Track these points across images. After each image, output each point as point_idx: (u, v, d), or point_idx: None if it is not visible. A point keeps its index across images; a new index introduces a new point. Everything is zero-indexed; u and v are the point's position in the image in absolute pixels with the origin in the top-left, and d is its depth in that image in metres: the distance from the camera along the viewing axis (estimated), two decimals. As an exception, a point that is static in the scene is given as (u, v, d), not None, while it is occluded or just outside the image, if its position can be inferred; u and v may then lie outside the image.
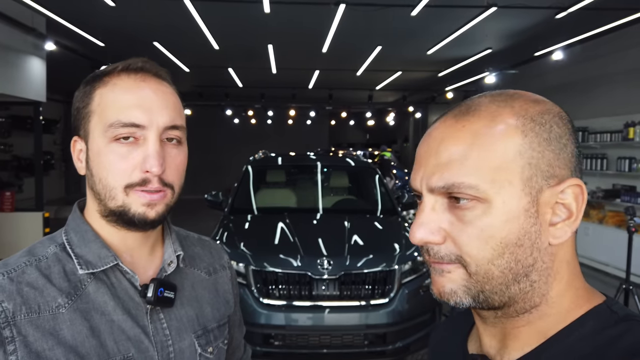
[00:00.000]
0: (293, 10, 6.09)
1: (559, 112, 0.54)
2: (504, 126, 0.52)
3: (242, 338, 1.08)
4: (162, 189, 0.76)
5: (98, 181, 0.76)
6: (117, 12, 6.09)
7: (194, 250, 0.95)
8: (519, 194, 0.51)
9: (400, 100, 15.10)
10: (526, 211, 0.51)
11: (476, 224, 0.51)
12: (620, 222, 6.36)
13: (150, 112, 0.74)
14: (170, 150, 0.77)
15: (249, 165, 4.91)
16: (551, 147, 0.52)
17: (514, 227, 0.51)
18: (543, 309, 0.53)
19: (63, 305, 0.73)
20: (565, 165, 0.52)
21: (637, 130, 6.31)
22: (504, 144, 0.51)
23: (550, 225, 0.52)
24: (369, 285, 3.27)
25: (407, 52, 8.84)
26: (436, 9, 5.87)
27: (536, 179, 0.51)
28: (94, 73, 0.80)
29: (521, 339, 0.55)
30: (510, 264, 0.51)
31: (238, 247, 3.51)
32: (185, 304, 0.86)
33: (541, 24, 6.74)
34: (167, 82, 0.80)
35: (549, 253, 0.52)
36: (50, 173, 11.43)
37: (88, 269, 0.76)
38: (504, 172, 0.51)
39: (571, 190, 0.52)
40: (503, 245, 0.51)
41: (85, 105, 0.77)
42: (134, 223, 0.76)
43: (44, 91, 6.42)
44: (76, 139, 0.80)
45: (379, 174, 4.92)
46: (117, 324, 0.76)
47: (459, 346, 0.65)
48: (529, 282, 0.52)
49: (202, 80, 11.94)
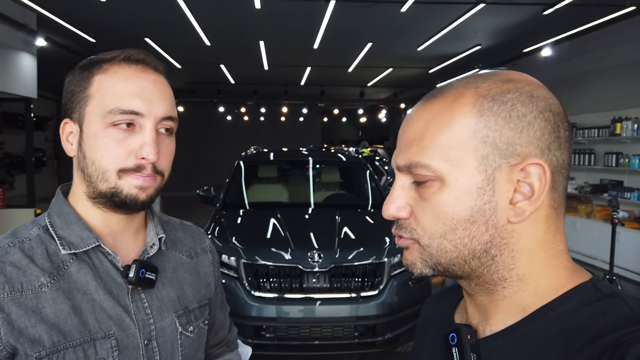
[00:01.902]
0: (284, 6, 6.11)
1: (529, 92, 0.53)
2: (461, 106, 0.53)
3: (225, 318, 1.11)
4: (154, 175, 0.79)
5: (91, 163, 0.78)
6: (108, 8, 6.09)
7: (175, 235, 0.98)
8: (472, 172, 0.52)
9: (392, 97, 15.17)
10: (479, 189, 0.52)
11: (431, 201, 0.54)
12: (608, 217, 6.45)
13: (149, 102, 0.77)
14: (164, 139, 0.81)
15: (241, 161, 4.94)
16: (510, 125, 0.51)
17: (467, 204, 0.52)
18: (517, 284, 0.54)
19: (46, 285, 0.75)
20: (529, 143, 0.51)
21: (624, 126, 6.40)
22: (459, 124, 0.53)
23: (511, 203, 0.52)
24: (359, 278, 3.32)
25: (398, 48, 8.89)
26: (425, 5, 5.91)
27: (493, 157, 0.51)
28: (91, 59, 0.82)
29: (501, 312, 0.56)
30: (464, 240, 0.53)
31: (229, 241, 3.54)
32: (167, 285, 0.89)
33: (529, 20, 6.81)
34: (163, 76, 0.84)
35: (510, 230, 0.53)
36: (42, 170, 11.38)
37: (70, 250, 0.78)
38: (457, 151, 0.52)
39: (532, 169, 0.51)
40: (455, 221, 0.53)
41: (82, 90, 0.79)
42: (125, 204, 0.79)
43: (35, 87, 6.39)
44: (67, 121, 0.81)
45: (370, 169, 4.96)
46: (98, 303, 0.78)
47: (446, 316, 0.67)
48: (489, 257, 0.53)
49: (194, 77, 11.92)
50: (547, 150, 0.52)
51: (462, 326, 0.56)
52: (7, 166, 9.51)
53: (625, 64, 6.55)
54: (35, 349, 0.73)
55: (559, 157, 0.52)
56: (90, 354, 0.76)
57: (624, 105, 6.51)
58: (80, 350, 0.76)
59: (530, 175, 0.51)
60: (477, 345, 0.55)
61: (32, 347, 0.73)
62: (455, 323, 0.62)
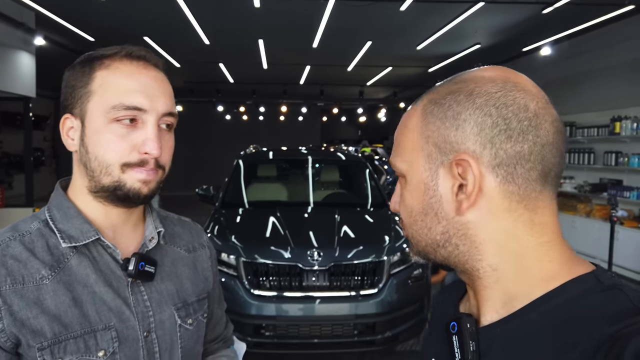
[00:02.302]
0: (283, 4, 6.11)
1: (470, 90, 0.55)
2: (414, 112, 0.60)
3: (222, 314, 1.12)
4: (157, 170, 0.81)
5: (94, 158, 0.79)
6: (108, 6, 6.08)
7: (173, 229, 0.99)
8: (421, 170, 0.58)
9: (391, 97, 15.16)
10: (425, 184, 0.58)
11: (402, 196, 0.62)
12: (607, 216, 6.44)
13: (151, 98, 0.79)
14: (164, 134, 0.83)
15: (240, 160, 4.93)
16: (446, 124, 0.55)
17: (418, 199, 0.59)
18: (493, 274, 0.56)
19: (46, 277, 0.77)
20: (465, 139, 0.54)
21: (623, 125, 6.41)
22: (412, 128, 0.60)
23: (455, 196, 0.55)
24: (359, 276, 3.32)
25: (397, 47, 8.89)
26: (425, 4, 5.92)
27: (435, 155, 0.57)
28: (90, 54, 0.82)
29: (489, 300, 0.57)
30: (423, 230, 0.59)
31: (229, 240, 3.54)
32: (165, 279, 0.91)
33: (528, 19, 6.81)
34: (163, 72, 0.85)
35: (464, 222, 0.55)
36: (41, 170, 11.36)
37: (71, 243, 0.80)
38: (412, 152, 0.59)
39: (464, 164, 0.54)
40: (414, 213, 0.60)
41: (83, 85, 0.80)
42: (128, 197, 0.80)
43: (34, 86, 6.39)
44: (68, 116, 0.82)
45: (370, 168, 4.96)
46: (98, 296, 0.80)
47: (453, 306, 0.69)
48: (453, 246, 0.57)
49: (193, 76, 11.92)
50: (490, 144, 0.53)
51: (463, 315, 0.58)
52: (5, 166, 9.50)
53: (625, 63, 6.55)
54: (37, 339, 0.74)
55: (509, 149, 0.52)
56: (91, 344, 0.78)
57: (624, 104, 6.52)
58: (82, 341, 0.77)
59: (465, 170, 0.54)
60: (477, 333, 0.57)
61: (34, 337, 0.74)
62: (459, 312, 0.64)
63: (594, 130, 6.97)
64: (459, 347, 0.57)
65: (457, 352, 0.57)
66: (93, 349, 0.78)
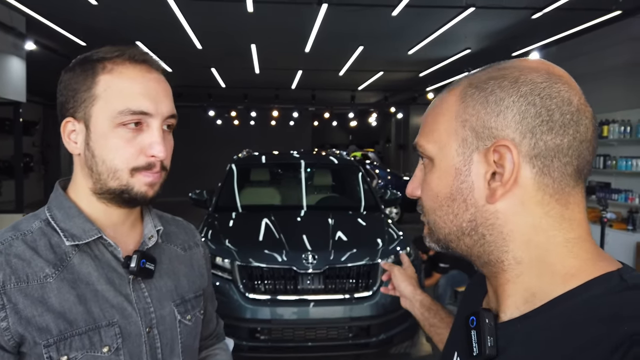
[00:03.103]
0: (276, 9, 6.13)
1: (516, 77, 0.54)
2: (451, 95, 0.58)
3: (214, 311, 1.15)
4: (161, 172, 0.84)
5: (101, 162, 0.80)
6: (99, 10, 6.05)
7: (169, 228, 1.01)
8: (453, 154, 0.56)
9: (382, 101, 15.26)
10: (457, 169, 0.56)
11: (427, 180, 0.60)
12: (597, 218, 6.52)
13: (155, 101, 0.81)
14: (166, 136, 0.85)
15: (233, 164, 4.93)
16: (487, 109, 0.54)
17: (447, 183, 0.57)
18: (516, 268, 0.55)
19: (50, 275, 0.78)
20: (506, 127, 0.53)
21: (611, 129, 6.49)
22: (447, 110, 0.58)
23: (488, 183, 0.54)
24: (353, 279, 3.33)
25: (389, 52, 8.95)
26: (416, 9, 5.97)
27: (471, 140, 0.55)
28: (89, 56, 0.82)
29: (510, 296, 0.56)
30: (449, 216, 0.58)
31: (223, 244, 3.54)
32: (164, 276, 0.92)
33: (518, 24, 6.90)
34: (163, 75, 0.87)
35: (493, 211, 0.54)
36: (30, 176, 11.24)
37: (74, 241, 0.81)
38: (444, 135, 0.57)
39: (502, 150, 0.52)
40: (440, 198, 0.58)
41: (87, 89, 0.80)
42: (136, 200, 0.83)
43: (24, 91, 6.35)
44: (70, 119, 0.82)
45: (362, 172, 4.98)
46: (101, 293, 0.81)
47: (477, 299, 0.69)
48: (479, 235, 0.56)
49: (185, 80, 11.88)
50: (530, 133, 0.52)
51: (482, 309, 0.58)
52: (-6, 171, 9.39)
53: (612, 68, 6.66)
54: (44, 336, 0.75)
55: (549, 141, 0.52)
56: (95, 340, 0.79)
57: (611, 108, 6.61)
58: (86, 338, 0.78)
59: (503, 157, 0.53)
60: (495, 329, 0.56)
61: (40, 335, 0.75)
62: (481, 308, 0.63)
63: (583, 134, 7.05)
64: (476, 342, 0.56)
65: (474, 346, 0.56)
66: (97, 345, 0.79)
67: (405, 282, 1.11)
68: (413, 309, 1.07)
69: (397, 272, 1.13)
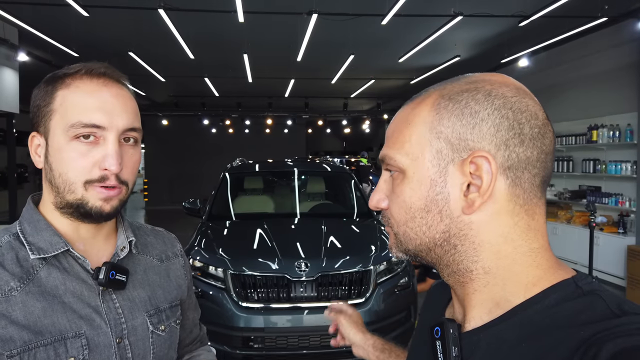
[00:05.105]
0: (267, 19, 6.19)
1: (488, 91, 0.55)
2: (423, 106, 0.58)
3: (198, 319, 1.17)
4: (119, 186, 0.83)
5: (58, 175, 0.81)
6: (91, 22, 6.09)
7: (146, 239, 1.02)
8: (427, 165, 0.56)
9: (375, 108, 15.33)
10: (432, 180, 0.56)
11: (396, 192, 0.59)
12: (587, 222, 6.60)
13: (110, 115, 0.80)
14: (128, 150, 0.84)
15: (227, 172, 4.95)
16: (462, 121, 0.54)
17: (421, 195, 0.56)
18: (484, 278, 0.56)
19: (15, 289, 0.78)
20: (481, 139, 0.53)
21: (600, 133, 6.58)
22: (419, 121, 0.57)
23: (464, 195, 0.54)
24: (346, 286, 3.35)
25: (379, 60, 9.03)
26: (405, 18, 6.05)
27: (446, 152, 0.55)
28: (55, 73, 0.85)
29: (476, 306, 0.57)
30: (422, 228, 0.57)
31: (216, 252, 3.55)
32: (138, 287, 0.93)
33: (506, 32, 7.00)
34: (126, 88, 0.86)
35: (467, 222, 0.55)
36: (24, 186, 11.19)
37: (39, 255, 0.81)
38: (416, 146, 0.57)
39: (480, 161, 0.53)
40: (413, 210, 0.57)
41: (46, 104, 0.82)
42: (91, 215, 0.82)
43: (17, 102, 6.36)
44: (35, 134, 0.85)
45: (355, 179, 5.02)
46: (68, 305, 0.81)
47: (438, 311, 0.69)
48: (450, 246, 0.57)
49: (178, 90, 11.93)
50: (504, 145, 0.53)
51: (445, 320, 0.58)
52: (-13, 183, 9.34)
53: (600, 73, 6.76)
54: (7, 347, 0.75)
55: (521, 153, 0.53)
56: (61, 352, 0.79)
57: (600, 112, 6.70)
58: (52, 349, 0.78)
59: (480, 168, 0.53)
60: (460, 339, 0.57)
61: (3, 346, 0.75)
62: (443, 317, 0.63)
63: (572, 139, 7.14)
64: (442, 352, 0.57)
65: (440, 356, 0.57)
66: (63, 356, 0.79)
67: (354, 329, 1.09)
68: (367, 354, 1.04)
69: (344, 320, 1.11)
